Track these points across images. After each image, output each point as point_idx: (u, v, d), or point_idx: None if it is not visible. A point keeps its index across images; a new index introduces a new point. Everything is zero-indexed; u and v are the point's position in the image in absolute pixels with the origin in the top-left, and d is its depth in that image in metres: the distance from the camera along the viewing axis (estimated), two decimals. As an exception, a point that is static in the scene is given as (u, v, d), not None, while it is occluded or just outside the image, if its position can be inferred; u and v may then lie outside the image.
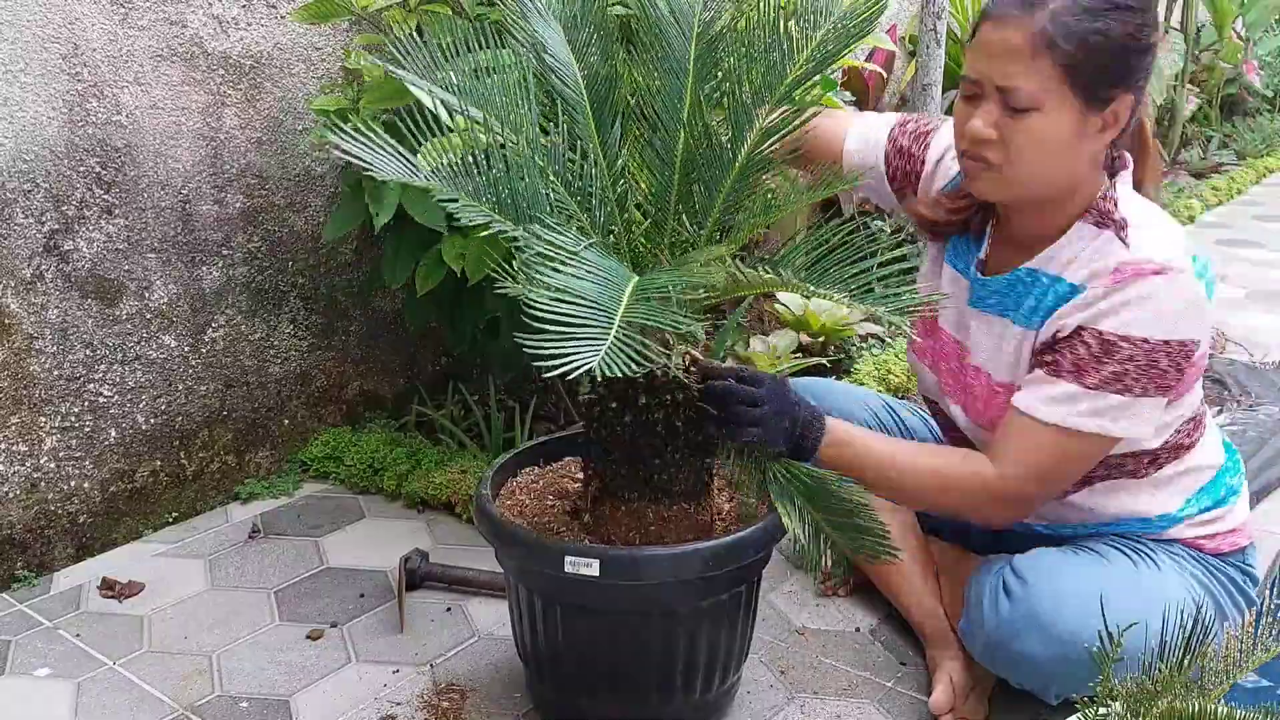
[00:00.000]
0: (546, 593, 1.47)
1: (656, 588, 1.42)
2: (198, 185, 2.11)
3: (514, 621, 1.57)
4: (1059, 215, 1.45)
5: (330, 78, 2.25)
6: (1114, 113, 1.38)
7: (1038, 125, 1.35)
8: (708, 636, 1.48)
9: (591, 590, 1.41)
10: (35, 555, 1.99)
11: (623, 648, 1.47)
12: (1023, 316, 1.49)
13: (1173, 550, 1.55)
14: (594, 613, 1.46)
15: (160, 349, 2.11)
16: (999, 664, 1.53)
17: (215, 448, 2.25)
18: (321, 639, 1.80)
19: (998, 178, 1.41)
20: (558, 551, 1.40)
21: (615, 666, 1.48)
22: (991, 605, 1.50)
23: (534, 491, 1.63)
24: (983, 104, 1.38)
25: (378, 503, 2.27)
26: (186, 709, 1.63)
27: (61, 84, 1.88)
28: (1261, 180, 5.39)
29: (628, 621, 1.46)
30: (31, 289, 1.91)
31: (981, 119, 1.37)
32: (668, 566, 1.40)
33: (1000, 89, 1.35)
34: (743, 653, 1.58)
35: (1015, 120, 1.35)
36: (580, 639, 1.48)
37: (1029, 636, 1.45)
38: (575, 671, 1.51)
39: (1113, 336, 1.37)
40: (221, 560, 2.05)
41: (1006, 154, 1.38)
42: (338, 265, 2.38)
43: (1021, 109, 1.34)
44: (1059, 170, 1.40)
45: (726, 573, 1.43)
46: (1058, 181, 1.42)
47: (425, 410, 2.48)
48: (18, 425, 1.93)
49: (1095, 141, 1.40)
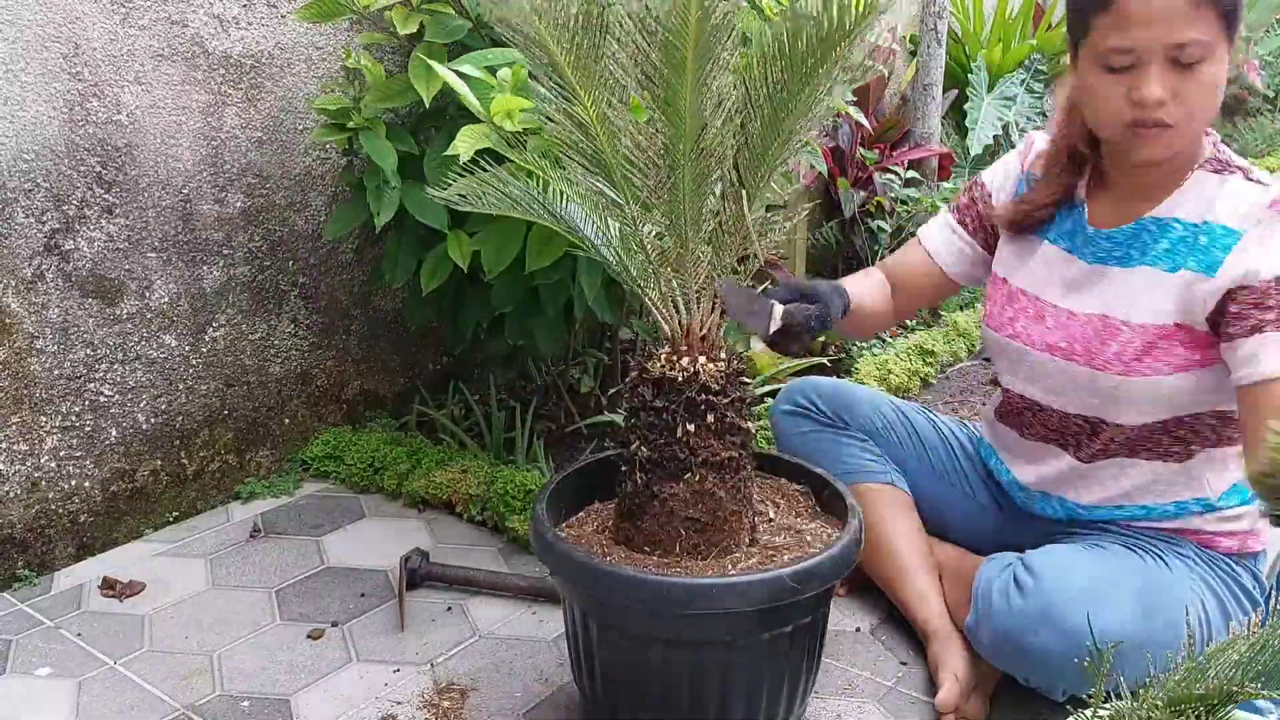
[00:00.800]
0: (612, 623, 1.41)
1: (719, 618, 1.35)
2: (198, 185, 2.11)
3: (572, 648, 1.52)
4: (1173, 165, 1.48)
5: (331, 77, 2.25)
6: (1234, 46, 1.40)
7: (1209, 73, 1.36)
8: (767, 666, 1.42)
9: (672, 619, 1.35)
10: (36, 555, 1.99)
11: (684, 677, 1.40)
12: (1158, 258, 1.49)
13: (1182, 551, 1.55)
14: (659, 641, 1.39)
15: (161, 348, 2.12)
16: (1008, 659, 1.52)
17: (216, 447, 2.25)
18: (322, 638, 1.80)
19: (1173, 136, 1.40)
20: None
21: (672, 695, 1.42)
22: (1003, 599, 1.50)
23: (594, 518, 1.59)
24: (1146, 70, 1.36)
25: (378, 502, 2.27)
26: (187, 708, 1.63)
27: (62, 83, 1.88)
28: (1262, 180, 5.38)
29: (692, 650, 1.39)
30: (32, 288, 1.91)
31: (1155, 84, 1.36)
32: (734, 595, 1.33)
33: (1169, 47, 1.34)
34: (807, 686, 1.51)
35: (1188, 75, 1.36)
36: (637, 668, 1.43)
37: (1042, 631, 1.45)
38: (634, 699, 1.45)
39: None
40: (222, 560, 2.05)
41: (1184, 109, 1.38)
42: (338, 265, 2.38)
43: (1194, 62, 1.35)
44: (1214, 111, 1.42)
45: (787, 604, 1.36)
46: (1210, 123, 1.45)
47: (426, 410, 2.48)
48: (18, 424, 1.93)
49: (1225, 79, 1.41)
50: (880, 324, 1.82)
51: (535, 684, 1.68)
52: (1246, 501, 1.59)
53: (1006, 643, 1.49)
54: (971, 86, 3.94)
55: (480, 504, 2.13)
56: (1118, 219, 1.54)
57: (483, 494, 2.13)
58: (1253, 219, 1.42)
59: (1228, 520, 1.58)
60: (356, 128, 1.97)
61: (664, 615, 1.35)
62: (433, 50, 1.98)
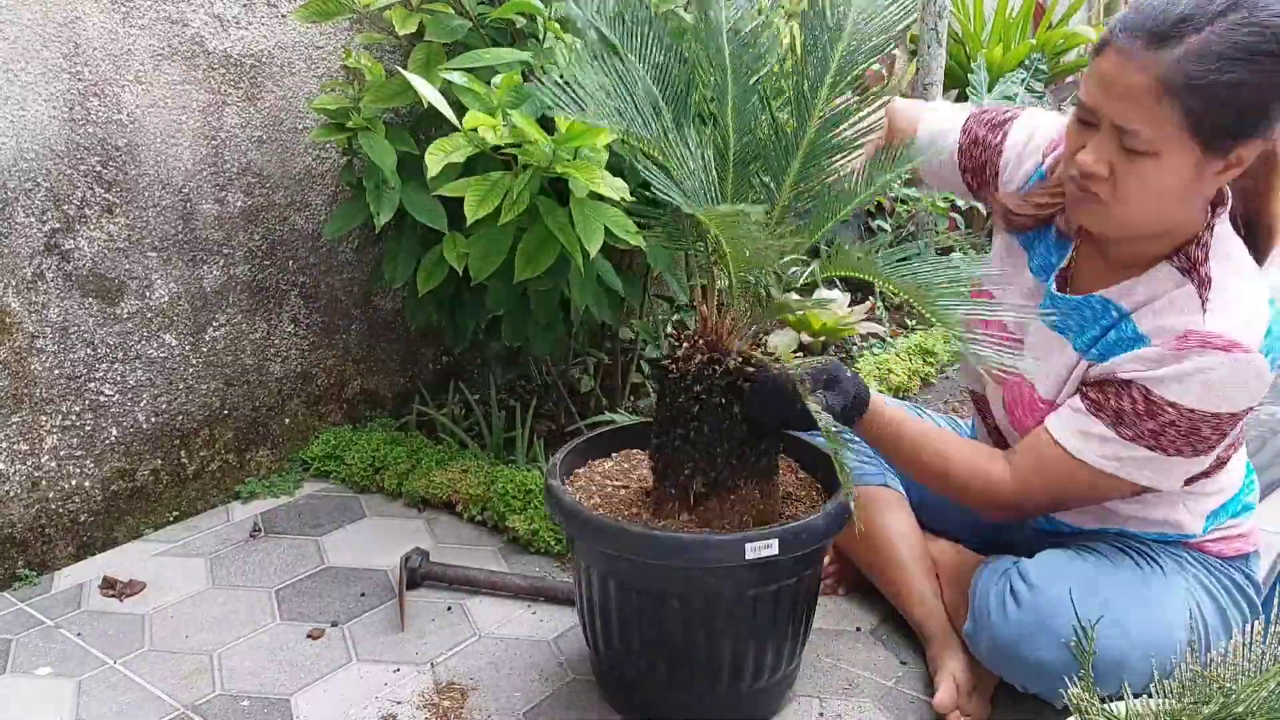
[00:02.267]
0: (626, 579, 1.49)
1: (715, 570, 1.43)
2: (198, 184, 2.11)
3: (584, 612, 1.59)
4: (1148, 249, 1.40)
5: (331, 77, 2.25)
6: (1238, 156, 1.28)
7: (1152, 171, 1.27)
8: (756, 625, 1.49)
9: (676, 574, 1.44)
10: (36, 554, 1.99)
11: (684, 631, 1.49)
12: (1083, 342, 1.46)
13: (1177, 554, 1.55)
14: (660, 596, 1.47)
15: (161, 348, 2.12)
16: (1006, 668, 1.52)
17: (216, 446, 2.25)
18: (322, 638, 1.80)
19: (1104, 214, 1.35)
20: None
21: (678, 650, 1.50)
22: (999, 610, 1.50)
23: (598, 477, 1.66)
24: (1096, 135, 1.30)
25: (378, 502, 2.27)
26: (187, 708, 1.63)
27: (62, 83, 1.88)
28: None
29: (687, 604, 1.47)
30: (32, 288, 1.91)
31: (1093, 153, 1.30)
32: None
33: (1117, 127, 1.27)
34: (795, 645, 1.58)
35: (1130, 162, 1.28)
36: (646, 624, 1.50)
37: (1038, 641, 1.44)
38: (643, 657, 1.53)
39: (1160, 400, 1.33)
40: (222, 559, 2.05)
41: (1115, 194, 1.31)
42: (338, 264, 2.38)
43: (1138, 152, 1.27)
44: (1167, 215, 1.34)
45: (791, 559, 1.44)
46: (1164, 225, 1.36)
47: (426, 409, 2.48)
48: (19, 424, 1.93)
49: (1212, 185, 1.32)
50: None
51: (535, 684, 1.68)
52: (1234, 515, 1.58)
53: (1004, 653, 1.49)
54: (972, 86, 3.94)
55: (480, 504, 2.13)
56: (1079, 282, 1.50)
57: (483, 494, 2.13)
58: (1163, 337, 1.35)
59: (1218, 533, 1.57)
60: (356, 128, 1.97)
61: (666, 567, 1.43)
62: (432, 50, 1.97)
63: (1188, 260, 1.36)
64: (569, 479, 1.65)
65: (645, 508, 1.55)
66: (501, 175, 1.76)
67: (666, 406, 1.48)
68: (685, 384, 1.45)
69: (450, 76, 1.79)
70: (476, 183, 1.75)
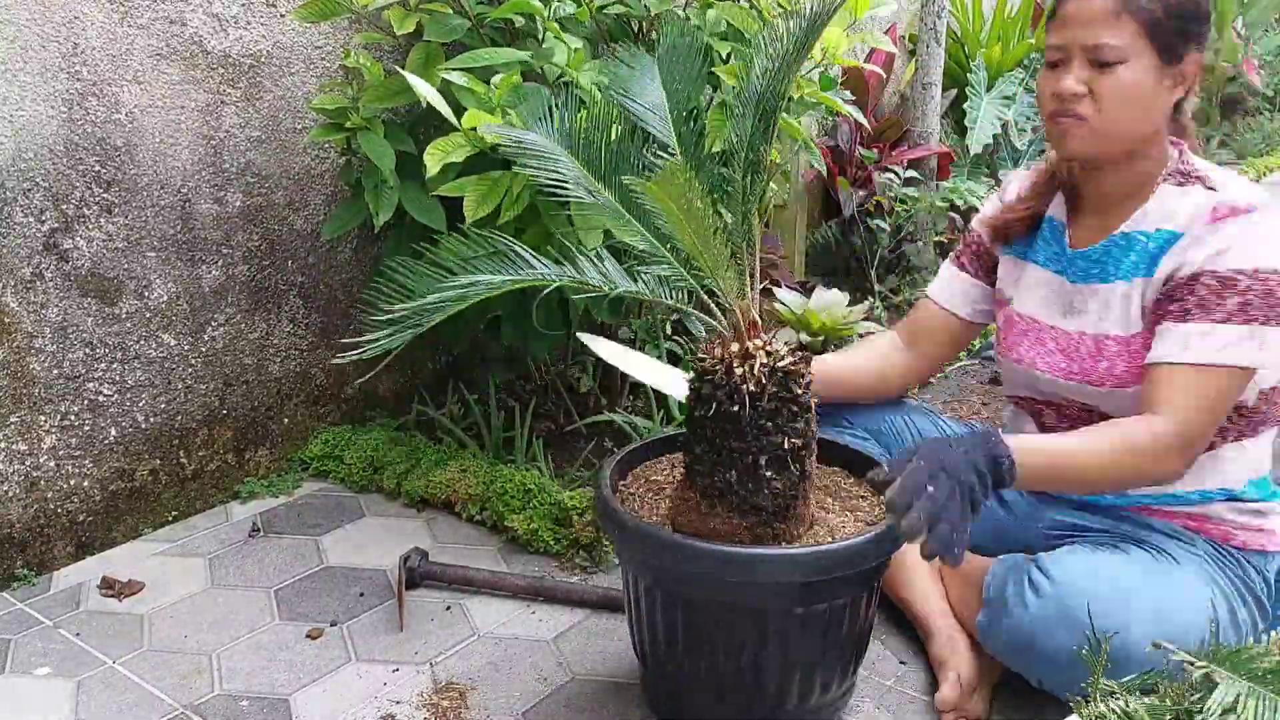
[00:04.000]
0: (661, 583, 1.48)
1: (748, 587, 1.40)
2: (197, 184, 2.11)
3: (632, 618, 1.56)
4: (1138, 172, 1.57)
5: (330, 76, 2.25)
6: (1182, 71, 1.51)
7: (1125, 75, 1.48)
8: (799, 644, 1.45)
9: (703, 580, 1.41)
10: (35, 554, 1.99)
11: (720, 644, 1.46)
12: (1126, 271, 1.57)
13: (1194, 549, 1.56)
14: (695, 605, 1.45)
15: (160, 347, 2.11)
16: (1023, 660, 1.52)
17: (215, 446, 2.25)
18: (321, 638, 1.80)
19: (1088, 130, 1.51)
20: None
21: (716, 663, 1.47)
22: (1018, 601, 1.51)
23: (654, 485, 1.63)
24: (1068, 68, 1.51)
25: (377, 502, 2.27)
26: (187, 707, 1.63)
27: (61, 83, 1.88)
28: (1262, 179, 5.39)
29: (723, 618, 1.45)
30: (31, 288, 1.91)
31: (1070, 77, 1.50)
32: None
33: (1088, 48, 1.48)
34: (840, 668, 1.53)
35: (1103, 74, 1.48)
36: (681, 632, 1.48)
37: (1059, 632, 1.45)
38: (688, 667, 1.51)
39: (1227, 272, 1.45)
40: (221, 559, 2.05)
41: (1097, 105, 1.49)
42: (337, 264, 2.38)
43: (1109, 63, 1.47)
44: (1141, 120, 1.51)
45: (825, 581, 1.39)
46: (1140, 131, 1.52)
47: (425, 409, 2.48)
48: (17, 424, 1.93)
49: (1169, 97, 1.52)
50: (866, 387, 1.86)
51: (534, 683, 1.68)
52: (1270, 496, 1.60)
53: (1022, 643, 1.50)
54: (971, 85, 3.94)
55: (480, 503, 2.13)
56: (1095, 237, 1.63)
57: (482, 493, 2.13)
58: (1195, 222, 1.51)
59: (1248, 513, 1.59)
60: (355, 127, 1.97)
61: (711, 581, 1.41)
62: (431, 50, 1.97)
63: (1180, 175, 1.56)
64: (624, 483, 1.61)
65: (694, 515, 1.47)
66: (501, 175, 1.76)
67: (702, 416, 1.42)
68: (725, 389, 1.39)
69: (449, 76, 1.79)
70: (476, 182, 1.75)
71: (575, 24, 2.01)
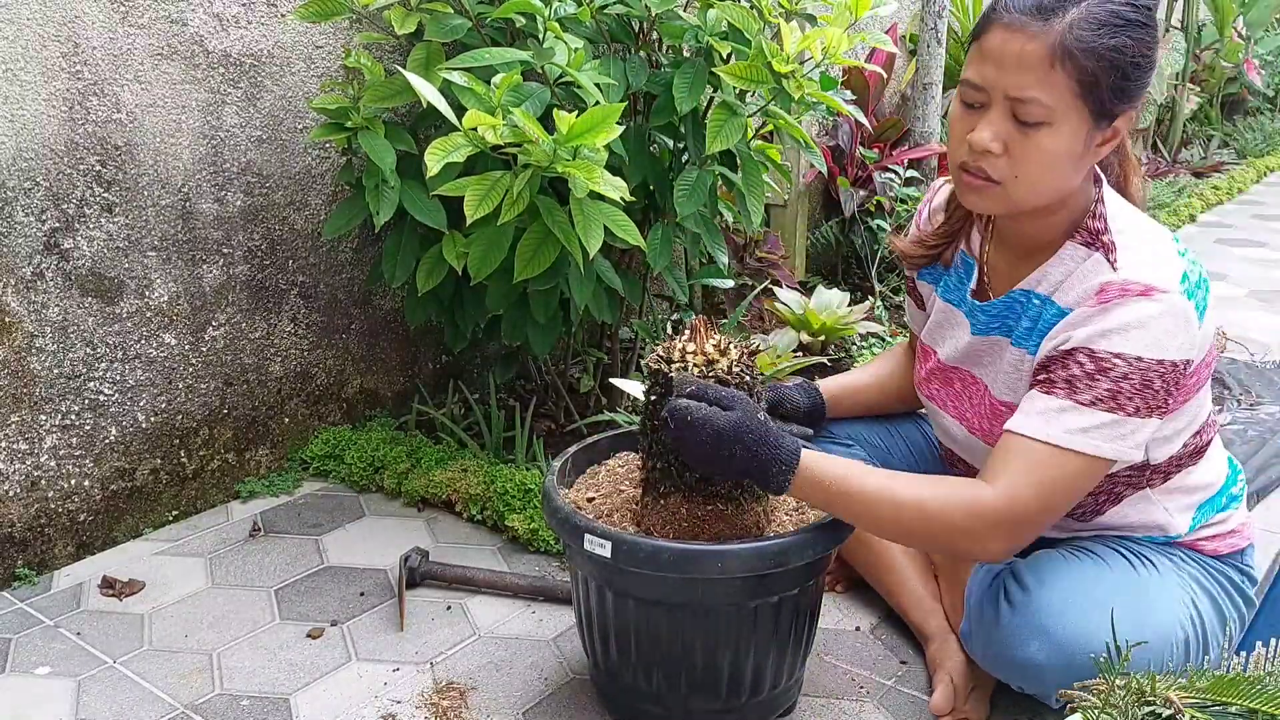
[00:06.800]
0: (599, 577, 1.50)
1: (685, 583, 1.42)
2: (198, 184, 2.11)
3: (581, 620, 1.58)
4: (1049, 226, 1.43)
5: (330, 76, 2.25)
6: (1115, 129, 1.36)
7: (1048, 141, 1.31)
8: (745, 641, 1.46)
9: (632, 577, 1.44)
10: (35, 554, 1.99)
11: (663, 641, 1.48)
12: (1020, 337, 1.48)
13: (1170, 553, 1.54)
14: (637, 600, 1.48)
15: (160, 347, 2.12)
16: (1001, 669, 1.51)
17: (215, 446, 2.25)
18: (322, 637, 1.80)
19: (1000, 194, 1.37)
20: (581, 530, 1.43)
21: (660, 657, 1.49)
22: (993, 612, 1.48)
23: (613, 480, 1.65)
24: (988, 114, 1.33)
25: (378, 501, 2.27)
26: (187, 707, 1.63)
27: (62, 82, 1.88)
28: (1262, 179, 5.39)
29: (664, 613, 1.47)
30: (32, 287, 1.91)
31: (988, 130, 1.33)
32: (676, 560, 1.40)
33: (1012, 99, 1.31)
34: (781, 666, 1.53)
35: (1024, 135, 1.32)
36: (627, 626, 1.50)
37: (1032, 643, 1.43)
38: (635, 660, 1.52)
39: (1105, 355, 1.32)
40: (222, 559, 2.05)
41: (1011, 169, 1.34)
42: (338, 264, 2.38)
43: (1032, 123, 1.31)
44: (1059, 185, 1.37)
45: (762, 577, 1.41)
46: (1055, 195, 1.39)
47: (425, 409, 2.48)
48: (18, 423, 1.93)
49: (1095, 156, 1.37)
50: (873, 403, 1.84)
51: (535, 683, 1.68)
52: (1223, 509, 1.57)
53: (998, 655, 1.48)
54: (971, 85, 3.93)
55: (480, 503, 2.13)
56: (1001, 286, 1.52)
57: (482, 493, 2.13)
58: (1085, 301, 1.37)
59: (1204, 529, 1.56)
60: (355, 127, 1.97)
61: (662, 577, 1.41)
62: (432, 49, 1.97)
63: (1089, 234, 1.40)
64: (581, 478, 1.64)
65: (645, 511, 1.53)
66: (501, 174, 1.76)
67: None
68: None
69: (450, 76, 1.78)
70: (476, 182, 1.75)
71: (576, 24, 2.01)
